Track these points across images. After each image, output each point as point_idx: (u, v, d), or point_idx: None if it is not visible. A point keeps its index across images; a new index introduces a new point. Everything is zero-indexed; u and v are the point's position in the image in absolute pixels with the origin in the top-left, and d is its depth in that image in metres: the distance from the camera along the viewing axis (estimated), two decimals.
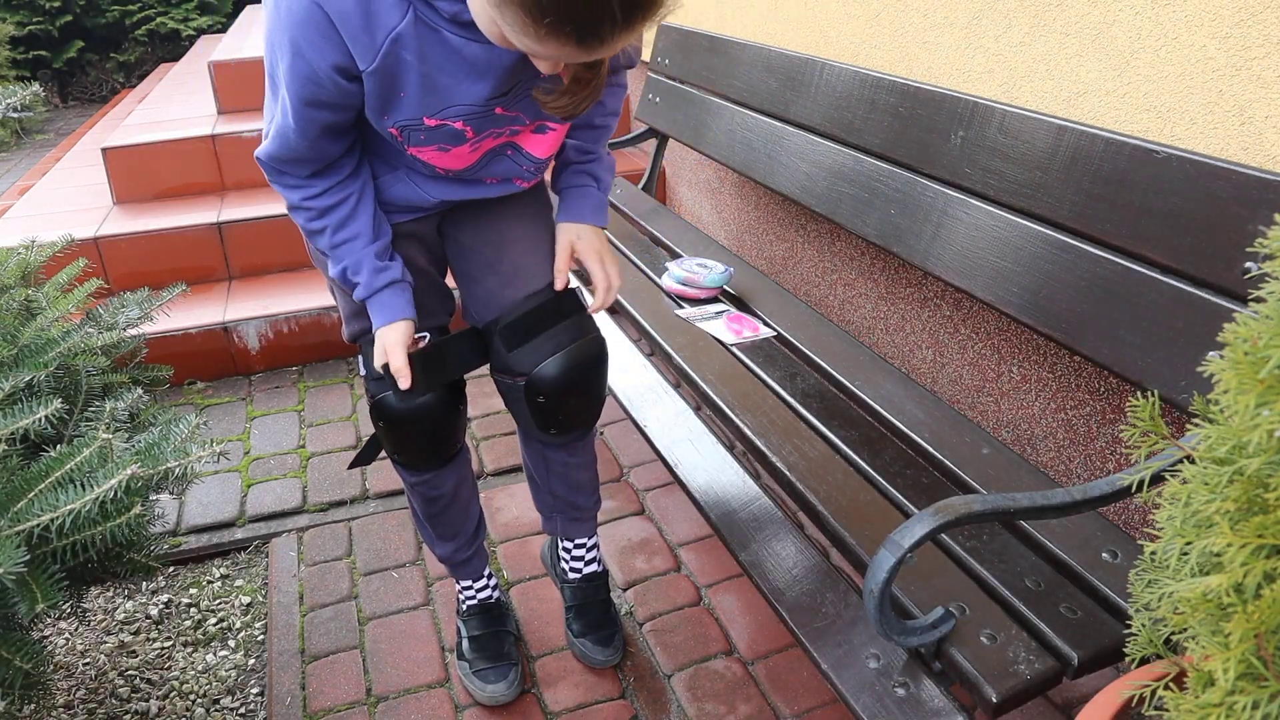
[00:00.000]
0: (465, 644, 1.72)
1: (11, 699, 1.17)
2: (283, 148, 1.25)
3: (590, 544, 1.77)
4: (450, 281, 1.56)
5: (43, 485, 1.14)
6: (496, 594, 1.77)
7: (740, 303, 2.08)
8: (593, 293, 1.48)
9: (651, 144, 3.68)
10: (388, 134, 1.25)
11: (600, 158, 1.48)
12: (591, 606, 1.77)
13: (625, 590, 1.92)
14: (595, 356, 1.48)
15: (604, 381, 1.53)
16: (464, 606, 1.75)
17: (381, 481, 2.32)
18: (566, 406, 1.49)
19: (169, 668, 1.80)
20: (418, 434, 1.48)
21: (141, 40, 7.31)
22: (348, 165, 1.32)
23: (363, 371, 1.49)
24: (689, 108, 2.66)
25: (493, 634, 1.72)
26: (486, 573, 1.75)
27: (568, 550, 1.78)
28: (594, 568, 1.78)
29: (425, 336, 1.43)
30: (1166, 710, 0.71)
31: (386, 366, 1.37)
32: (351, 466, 1.56)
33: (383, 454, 1.59)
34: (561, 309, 1.47)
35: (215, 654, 1.84)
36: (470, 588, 1.74)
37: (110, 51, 7.38)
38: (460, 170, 1.34)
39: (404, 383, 1.35)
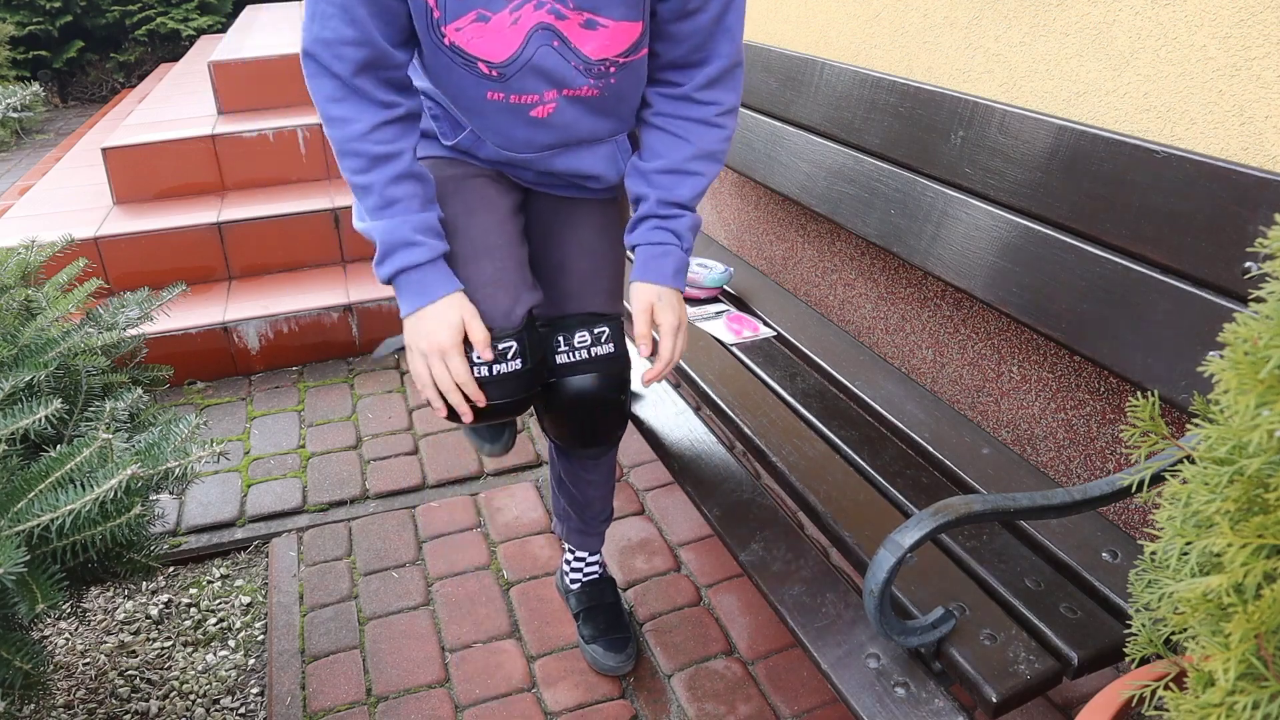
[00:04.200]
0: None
1: (11, 699, 1.17)
2: (324, 27, 1.14)
3: (593, 558, 1.78)
4: None
5: (43, 485, 1.14)
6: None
7: (740, 303, 2.08)
8: (650, 359, 1.37)
9: None
10: (424, 5, 1.16)
11: (686, 214, 1.36)
12: (599, 609, 1.74)
13: (625, 590, 1.92)
14: (600, 393, 1.40)
15: (619, 411, 1.44)
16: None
17: (381, 481, 2.32)
18: (566, 426, 1.44)
19: (169, 668, 1.80)
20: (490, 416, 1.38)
21: (141, 40, 7.31)
22: (403, 104, 1.22)
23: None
24: None
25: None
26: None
27: (568, 561, 1.79)
28: (596, 574, 1.78)
29: (512, 345, 1.30)
30: (1166, 710, 0.70)
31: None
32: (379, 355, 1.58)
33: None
34: (597, 332, 1.40)
35: (215, 654, 1.84)
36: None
37: (110, 51, 7.38)
38: (506, 63, 1.20)
39: (488, 354, 1.24)
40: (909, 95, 1.79)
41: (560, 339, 1.38)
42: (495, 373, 1.29)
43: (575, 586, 1.78)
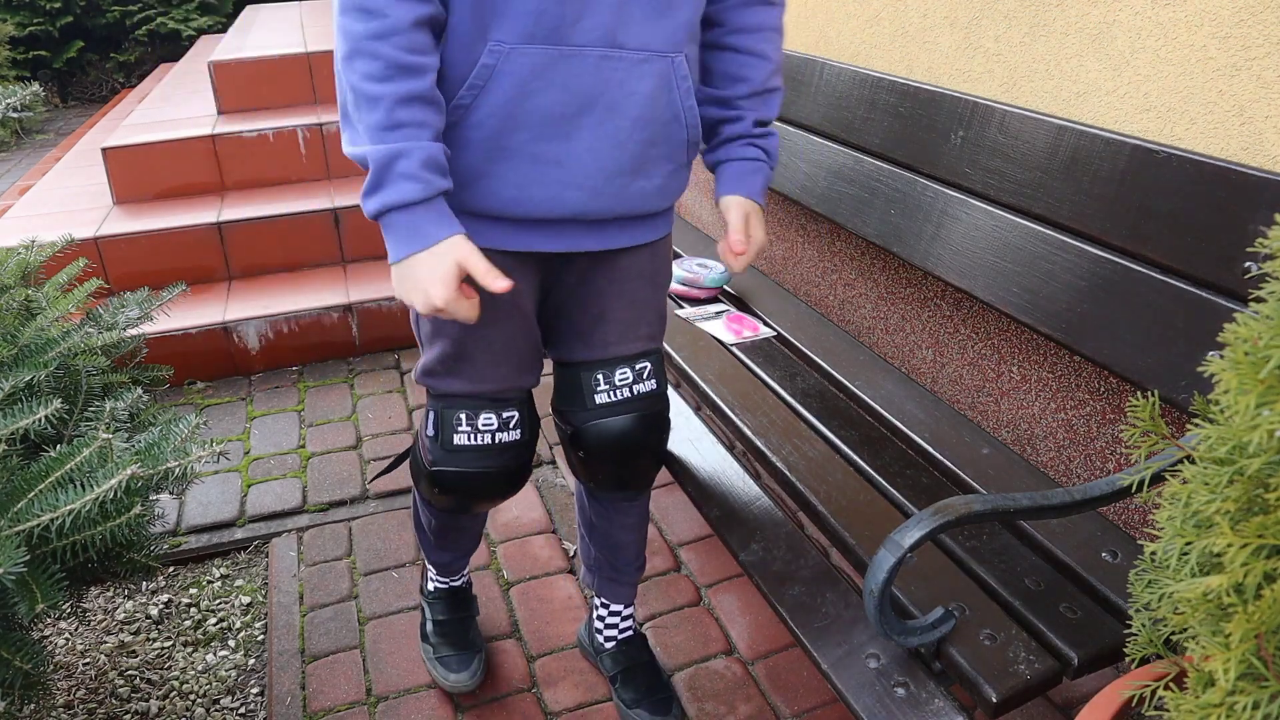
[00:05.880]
0: (430, 627, 1.69)
1: (11, 699, 1.17)
2: None
3: (626, 612, 1.65)
4: None
5: (43, 485, 1.14)
6: (465, 579, 1.74)
7: (740, 303, 2.08)
8: (738, 243, 1.27)
9: None
10: None
11: (773, 132, 1.33)
12: (638, 669, 1.62)
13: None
14: (642, 431, 1.36)
15: (657, 453, 1.41)
16: (431, 587, 1.71)
17: (381, 481, 2.32)
18: (603, 469, 1.39)
19: (169, 668, 1.80)
20: (478, 506, 1.41)
21: (141, 40, 7.31)
22: (439, 7, 1.07)
23: (429, 430, 1.30)
24: None
25: (460, 620, 1.70)
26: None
27: (602, 618, 1.66)
28: (631, 630, 1.67)
29: (515, 415, 1.30)
30: (1166, 710, 0.70)
31: (446, 444, 1.26)
32: (375, 478, 1.53)
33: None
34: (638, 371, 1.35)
35: (215, 654, 1.84)
36: (447, 577, 1.72)
37: (110, 51, 7.38)
38: (560, 23, 1.08)
39: (501, 284, 1.07)
40: (909, 95, 1.79)
41: (600, 377, 1.33)
42: (497, 441, 1.29)
43: (610, 646, 1.66)
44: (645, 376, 1.35)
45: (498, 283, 1.07)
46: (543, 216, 1.18)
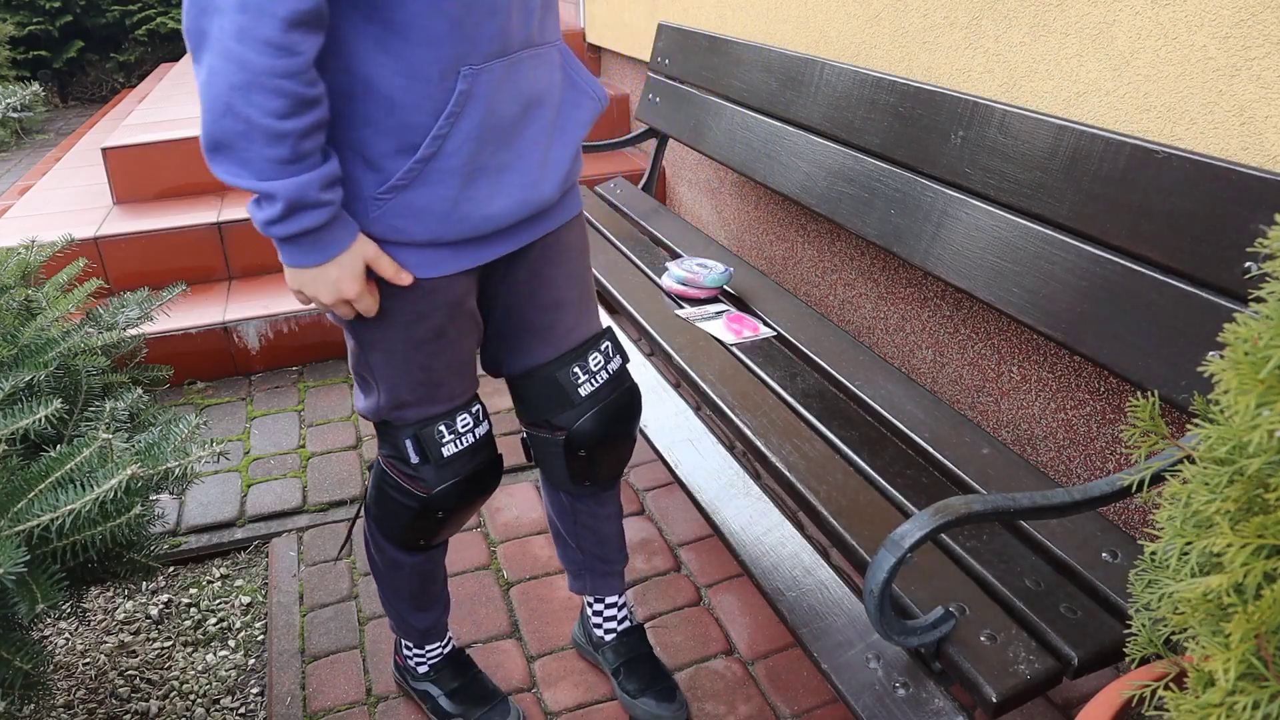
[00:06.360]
0: (445, 702, 1.60)
1: (11, 699, 1.17)
2: None
3: (621, 601, 1.67)
4: None
5: (43, 485, 1.14)
6: (452, 643, 1.66)
7: (740, 303, 2.08)
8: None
9: (651, 144, 3.68)
10: None
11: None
12: (640, 661, 1.64)
13: (625, 589, 1.92)
14: (631, 406, 1.43)
15: (636, 429, 1.48)
16: (429, 666, 1.62)
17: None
18: (605, 458, 1.44)
19: (169, 668, 1.80)
20: (471, 509, 1.40)
21: (141, 40, 7.31)
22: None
23: (414, 458, 1.29)
24: (689, 108, 2.66)
25: (472, 678, 1.62)
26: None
27: (599, 613, 1.67)
28: (629, 620, 1.68)
29: (479, 407, 1.35)
30: (1166, 710, 0.70)
31: (435, 455, 1.27)
32: (337, 559, 1.50)
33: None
34: (601, 353, 1.41)
35: (215, 654, 1.84)
36: (436, 645, 1.62)
37: (110, 51, 7.38)
38: (501, 32, 1.10)
39: (405, 279, 1.13)
40: (909, 95, 1.79)
41: (576, 370, 1.37)
42: (478, 436, 1.34)
43: (610, 639, 1.67)
44: (611, 354, 1.42)
45: (404, 279, 1.13)
46: (508, 225, 1.22)
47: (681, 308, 2.05)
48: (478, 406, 1.35)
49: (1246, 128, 1.27)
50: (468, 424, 1.32)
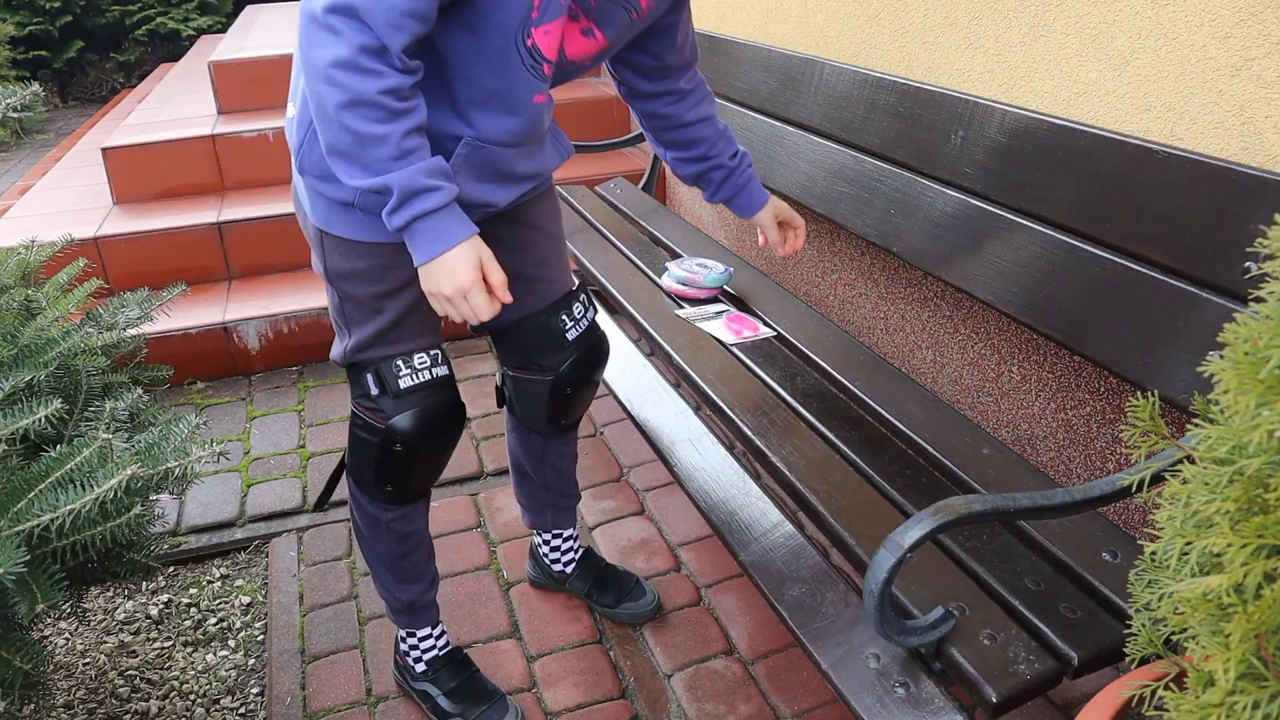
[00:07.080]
0: (444, 701, 1.61)
1: (11, 699, 1.17)
2: None
3: (574, 533, 1.87)
4: None
5: (43, 485, 1.14)
6: (449, 644, 1.68)
7: (740, 303, 2.08)
8: (781, 243, 1.77)
9: None
10: (527, 5, 1.16)
11: (744, 150, 1.70)
12: (606, 576, 1.85)
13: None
14: (605, 351, 1.62)
15: (603, 373, 1.68)
16: (425, 663, 1.64)
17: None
18: (581, 397, 1.62)
19: (169, 668, 1.80)
20: (432, 452, 1.43)
21: (141, 40, 7.31)
22: (421, 69, 1.18)
23: (374, 390, 1.38)
24: None
25: (470, 677, 1.63)
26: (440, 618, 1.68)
27: (556, 549, 1.86)
28: (581, 550, 1.88)
29: (438, 353, 1.45)
30: (1166, 710, 0.71)
31: (395, 386, 1.36)
32: (316, 509, 1.57)
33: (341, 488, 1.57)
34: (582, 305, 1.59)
35: (215, 654, 1.84)
36: (430, 637, 1.64)
37: (110, 51, 7.38)
38: (554, 63, 1.27)
39: (507, 296, 1.25)
40: (909, 95, 1.79)
41: (564, 317, 1.55)
42: (435, 375, 1.42)
43: (573, 570, 1.87)
44: (588, 305, 1.61)
45: (505, 296, 1.24)
46: (507, 141, 1.33)
47: (681, 308, 2.05)
48: (437, 351, 1.44)
49: (1246, 128, 1.27)
50: (425, 363, 1.41)
